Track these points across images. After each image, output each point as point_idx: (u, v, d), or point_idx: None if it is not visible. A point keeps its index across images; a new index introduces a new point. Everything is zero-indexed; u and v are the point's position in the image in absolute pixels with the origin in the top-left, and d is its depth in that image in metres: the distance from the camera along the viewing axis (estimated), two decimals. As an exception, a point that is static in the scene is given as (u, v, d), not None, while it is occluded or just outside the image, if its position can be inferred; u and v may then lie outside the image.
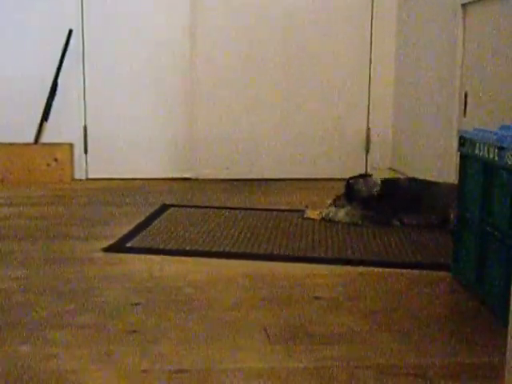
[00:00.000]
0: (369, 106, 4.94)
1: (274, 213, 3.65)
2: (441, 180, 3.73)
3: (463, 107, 3.80)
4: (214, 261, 2.74)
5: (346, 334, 2.00)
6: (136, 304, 2.21)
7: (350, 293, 2.38)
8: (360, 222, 3.39)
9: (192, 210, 3.70)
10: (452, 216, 3.24)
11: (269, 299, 2.29)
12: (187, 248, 2.90)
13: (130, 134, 4.88)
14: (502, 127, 2.46)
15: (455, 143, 3.92)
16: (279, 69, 4.86)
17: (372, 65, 4.88)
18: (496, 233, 2.22)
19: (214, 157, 4.91)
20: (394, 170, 4.85)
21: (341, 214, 3.45)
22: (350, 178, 3.62)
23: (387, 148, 4.95)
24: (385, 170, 4.90)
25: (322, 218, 3.47)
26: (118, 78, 4.83)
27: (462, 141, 2.50)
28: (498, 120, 3.42)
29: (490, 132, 2.35)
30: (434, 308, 2.25)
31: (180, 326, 2.04)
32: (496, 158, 2.18)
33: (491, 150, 2.22)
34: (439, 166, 4.09)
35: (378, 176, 4.38)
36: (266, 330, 2.01)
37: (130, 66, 4.81)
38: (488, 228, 2.28)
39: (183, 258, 2.77)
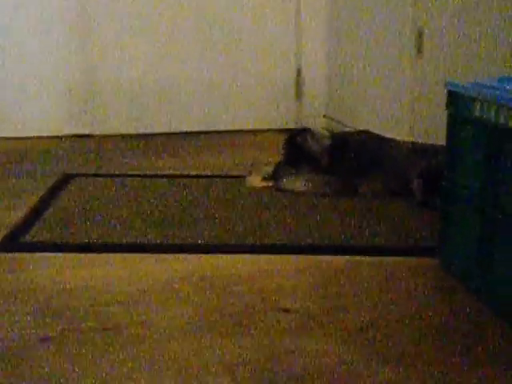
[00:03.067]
0: (298, 42, 4.45)
1: (205, 180, 3.15)
2: (390, 133, 3.34)
3: (417, 46, 3.41)
4: (141, 258, 2.25)
5: (333, 369, 1.58)
6: (45, 339, 1.69)
7: (325, 300, 1.96)
8: (328, 191, 2.94)
9: (102, 180, 3.14)
10: (416, 184, 2.88)
11: (225, 318, 1.83)
12: (104, 240, 2.38)
13: (13, 81, 4.18)
14: (502, 80, 2.08)
15: (408, 88, 3.55)
16: (196, 3, 4.26)
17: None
18: (503, 217, 1.86)
19: (120, 107, 4.33)
20: (329, 118, 4.44)
21: (299, 183, 2.98)
22: (293, 135, 3.17)
23: (322, 93, 4.51)
24: (319, 118, 4.48)
25: (276, 188, 2.99)
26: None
27: (453, 97, 2.09)
28: (460, 61, 3.08)
29: (494, 87, 1.95)
30: (430, 316, 1.88)
31: (107, 373, 1.54)
32: (511, 123, 1.79)
33: (502, 111, 1.83)
34: (387, 115, 3.71)
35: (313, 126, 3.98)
36: (231, 371, 1.56)
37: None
38: (492, 210, 1.91)
39: (102, 256, 2.25)
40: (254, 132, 4.38)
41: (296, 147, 3.11)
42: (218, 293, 1.98)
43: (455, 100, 2.07)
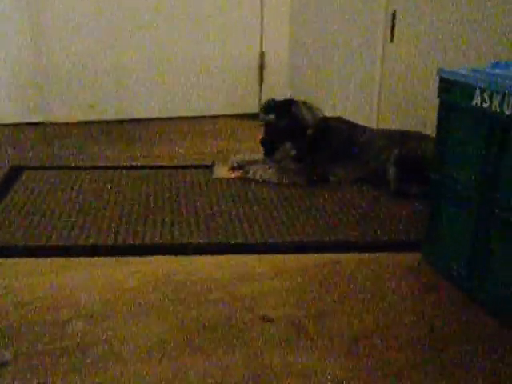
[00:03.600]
0: (262, 26, 4.21)
1: (168, 171, 2.90)
2: (356, 119, 3.15)
3: (390, 29, 3.22)
4: (104, 261, 2.00)
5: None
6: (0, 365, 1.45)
7: (310, 305, 1.76)
8: (299, 180, 2.74)
9: (55, 173, 2.86)
10: (392, 173, 2.70)
11: (203, 332, 1.61)
12: (61, 242, 2.12)
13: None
14: (497, 66, 1.90)
15: (378, 74, 3.37)
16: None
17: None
18: (501, 211, 1.70)
19: (73, 93, 4.04)
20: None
21: (270, 173, 2.78)
22: (286, 103, 2.92)
23: (285, 77, 4.29)
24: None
25: (245, 178, 2.78)
26: None
27: (446, 84, 1.90)
28: (434, 47, 2.89)
29: (497, 74, 1.77)
30: (423, 319, 1.72)
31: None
32: (518, 114, 1.62)
33: (508, 100, 1.65)
34: (354, 101, 3.52)
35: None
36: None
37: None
38: (491, 206, 1.74)
39: (59, 260, 2.00)
40: (216, 118, 4.15)
41: (290, 116, 2.87)
42: (193, 302, 1.76)
43: (449, 87, 1.88)
